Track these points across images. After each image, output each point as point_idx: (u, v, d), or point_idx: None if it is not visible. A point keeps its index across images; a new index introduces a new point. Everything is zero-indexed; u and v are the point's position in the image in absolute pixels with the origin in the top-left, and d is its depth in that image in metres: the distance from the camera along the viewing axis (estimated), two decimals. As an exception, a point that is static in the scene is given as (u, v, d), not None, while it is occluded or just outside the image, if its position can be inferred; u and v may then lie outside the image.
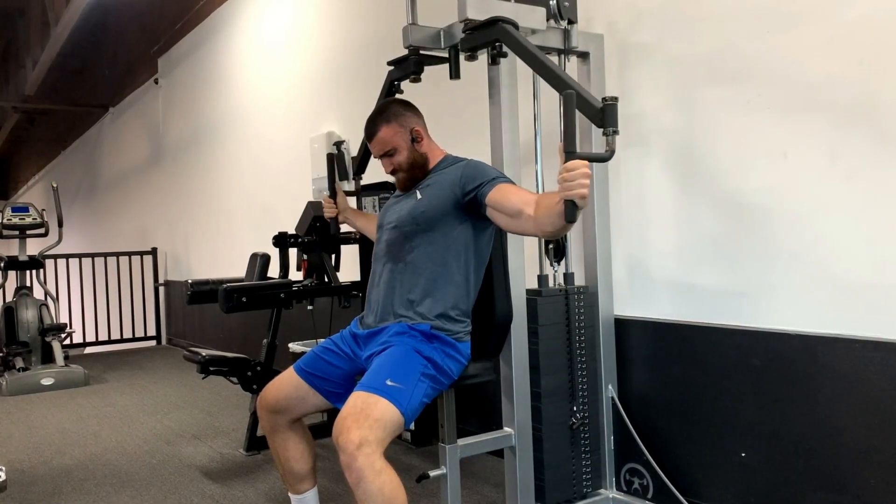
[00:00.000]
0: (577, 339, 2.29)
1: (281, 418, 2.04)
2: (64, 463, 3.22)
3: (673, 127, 2.34)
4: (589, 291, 2.35)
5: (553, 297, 2.25)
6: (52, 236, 5.60)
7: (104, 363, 6.07)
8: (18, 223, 5.49)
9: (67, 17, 7.27)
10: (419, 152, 2.04)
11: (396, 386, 1.74)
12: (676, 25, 2.31)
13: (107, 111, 9.51)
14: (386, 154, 2.05)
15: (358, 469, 1.60)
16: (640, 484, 2.36)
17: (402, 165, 2.04)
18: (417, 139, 2.04)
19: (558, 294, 2.27)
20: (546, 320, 2.22)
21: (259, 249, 3.76)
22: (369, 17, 3.95)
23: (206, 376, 3.18)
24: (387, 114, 2.05)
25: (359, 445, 1.60)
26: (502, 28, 1.92)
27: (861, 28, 1.86)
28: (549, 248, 2.34)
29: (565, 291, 2.28)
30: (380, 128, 2.04)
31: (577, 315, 2.29)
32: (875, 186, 1.84)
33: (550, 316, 2.23)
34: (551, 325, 2.23)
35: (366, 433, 1.62)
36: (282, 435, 2.05)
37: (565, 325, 2.27)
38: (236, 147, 5.72)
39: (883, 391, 1.83)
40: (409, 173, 2.05)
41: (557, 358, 2.25)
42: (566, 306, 2.27)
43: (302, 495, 2.11)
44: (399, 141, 2.03)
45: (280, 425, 2.05)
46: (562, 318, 2.26)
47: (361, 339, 2.01)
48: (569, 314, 2.27)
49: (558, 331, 2.25)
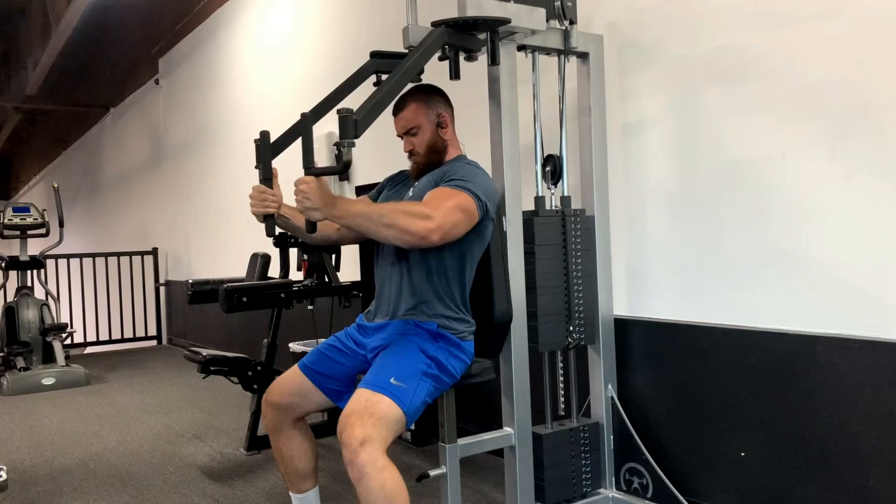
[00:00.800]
0: (573, 262, 2.29)
1: (285, 416, 2.04)
2: (65, 462, 3.22)
3: (672, 127, 2.34)
4: (585, 215, 2.35)
5: (549, 218, 2.25)
6: (53, 236, 5.60)
7: (105, 363, 6.08)
8: (20, 223, 5.50)
9: (68, 18, 7.27)
10: (441, 138, 2.05)
11: (400, 385, 1.75)
12: (676, 26, 2.31)
13: (108, 111, 9.53)
14: (408, 132, 2.05)
15: (360, 465, 1.61)
16: (640, 483, 2.36)
17: (420, 147, 2.04)
18: (443, 125, 2.06)
19: (555, 215, 2.27)
20: (543, 240, 2.22)
21: (259, 249, 3.77)
22: (369, 18, 3.96)
23: (206, 376, 3.19)
24: (418, 93, 2.07)
25: (362, 442, 1.62)
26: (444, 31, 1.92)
27: (860, 29, 1.86)
28: (546, 170, 2.34)
29: (562, 213, 2.29)
30: (408, 104, 2.05)
31: (574, 238, 2.29)
32: (874, 186, 1.85)
33: (547, 237, 2.23)
34: (548, 245, 2.23)
35: (369, 431, 1.64)
36: (285, 433, 2.06)
37: (562, 247, 2.27)
38: (237, 147, 5.72)
39: (881, 391, 1.83)
40: (426, 157, 2.04)
41: (554, 279, 2.24)
42: (563, 227, 2.28)
43: (303, 494, 2.11)
44: (423, 121, 2.03)
45: (284, 423, 2.05)
46: (558, 239, 2.26)
47: (369, 330, 2.02)
48: (565, 236, 2.28)
49: (555, 252, 2.25)
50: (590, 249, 2.35)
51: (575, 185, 2.41)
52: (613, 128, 2.47)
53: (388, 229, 1.75)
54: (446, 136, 2.07)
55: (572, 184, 2.37)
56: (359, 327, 2.08)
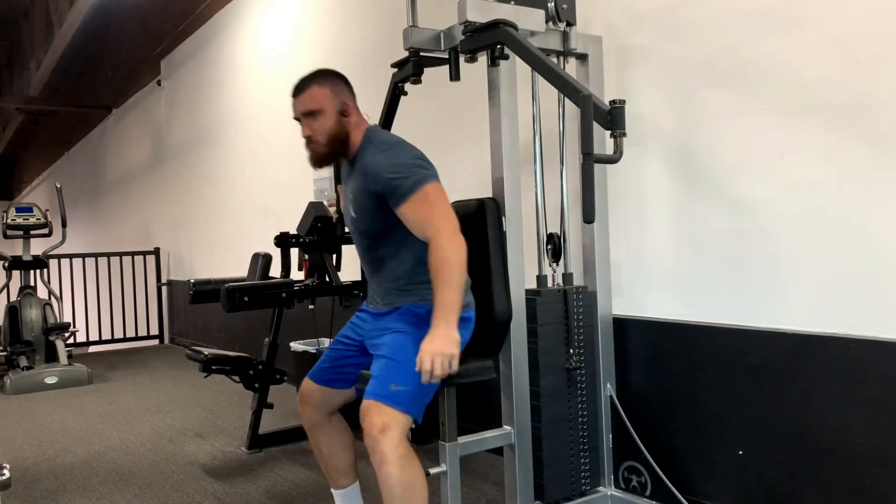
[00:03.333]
0: (575, 339, 2.31)
1: (318, 413, 2.08)
2: (67, 461, 3.24)
3: (671, 128, 2.36)
4: (587, 291, 2.37)
5: (552, 297, 2.27)
6: (55, 236, 5.63)
7: (107, 362, 6.09)
8: (22, 223, 5.52)
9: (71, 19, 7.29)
10: (343, 127, 1.95)
11: (401, 389, 1.78)
12: (674, 28, 2.33)
13: (110, 112, 9.55)
14: (308, 113, 1.94)
15: (382, 453, 1.67)
16: (639, 481, 2.38)
17: (320, 136, 1.94)
18: (345, 113, 1.95)
19: (557, 294, 2.29)
20: (545, 320, 2.24)
21: (261, 249, 3.78)
22: (371, 19, 3.97)
23: (208, 375, 3.21)
24: (323, 76, 1.99)
25: (382, 430, 1.68)
26: (504, 31, 1.94)
27: (857, 30, 1.88)
28: (548, 248, 2.36)
29: (564, 291, 2.30)
30: (311, 85, 1.96)
31: (576, 315, 2.31)
32: (870, 187, 1.86)
33: (549, 316, 2.25)
34: (550, 324, 2.25)
35: (388, 419, 1.70)
36: (322, 429, 2.09)
37: (564, 325, 2.29)
38: (238, 148, 5.74)
39: (880, 390, 1.84)
40: (327, 147, 1.95)
41: (556, 357, 2.27)
42: (565, 306, 2.29)
43: (344, 489, 2.14)
44: (326, 105, 1.93)
45: (320, 419, 2.09)
46: (560, 317, 2.28)
47: (371, 315, 2.06)
48: (567, 314, 2.29)
49: (557, 330, 2.27)
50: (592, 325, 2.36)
51: (574, 180, 2.42)
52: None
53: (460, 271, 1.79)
54: (348, 125, 1.96)
55: (572, 180, 2.38)
56: (363, 311, 2.12)
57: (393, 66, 2.36)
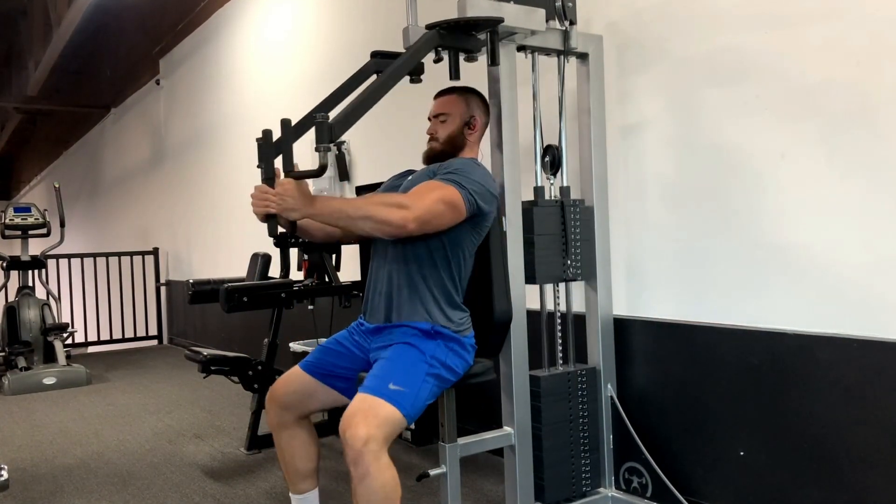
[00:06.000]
0: (572, 250, 2.30)
1: (289, 414, 2.05)
2: (66, 461, 3.23)
3: (671, 127, 2.35)
4: (585, 205, 2.36)
5: (549, 208, 2.26)
6: (54, 236, 5.61)
7: (106, 362, 6.09)
8: (21, 223, 5.51)
9: (69, 19, 7.28)
10: (464, 136, 2.11)
11: (399, 389, 1.76)
12: (675, 27, 2.32)
13: (108, 112, 9.53)
14: (438, 116, 2.13)
15: (365, 465, 1.63)
16: (639, 483, 2.37)
17: (442, 135, 2.10)
18: (471, 125, 2.12)
19: (554, 205, 2.28)
20: (542, 230, 2.23)
21: (260, 249, 3.77)
22: (370, 18, 3.97)
23: (207, 375, 3.20)
24: (465, 90, 2.15)
25: (365, 441, 1.64)
26: None
27: (858, 30, 1.87)
28: (546, 160, 2.35)
29: (561, 203, 2.29)
30: (452, 93, 2.15)
31: (573, 227, 2.30)
32: (871, 186, 1.85)
33: (546, 226, 2.24)
34: (547, 234, 2.24)
35: (373, 430, 1.66)
36: (289, 431, 2.06)
37: (561, 236, 2.28)
38: (238, 147, 5.73)
39: (880, 390, 1.84)
40: (443, 145, 2.11)
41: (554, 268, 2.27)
42: (562, 217, 2.28)
43: (303, 495, 2.11)
44: (455, 111, 2.11)
45: (288, 421, 2.06)
46: (557, 228, 2.27)
47: (369, 332, 2.03)
48: (565, 225, 2.28)
49: (553, 241, 2.26)
50: (589, 240, 2.36)
51: (574, 180, 2.41)
52: (613, 128, 2.48)
53: (365, 221, 1.79)
54: (470, 137, 2.12)
55: (572, 180, 2.38)
56: (360, 326, 2.08)
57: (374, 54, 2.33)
